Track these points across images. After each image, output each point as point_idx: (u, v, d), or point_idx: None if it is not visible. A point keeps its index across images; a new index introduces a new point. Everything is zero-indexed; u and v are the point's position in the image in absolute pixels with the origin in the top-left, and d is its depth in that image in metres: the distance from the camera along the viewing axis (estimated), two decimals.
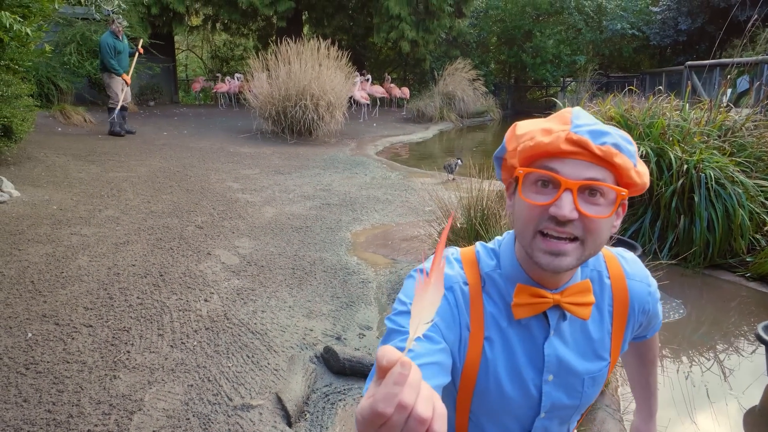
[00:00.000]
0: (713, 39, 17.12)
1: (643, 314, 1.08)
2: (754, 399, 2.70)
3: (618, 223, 0.94)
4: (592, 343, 1.02)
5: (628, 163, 0.86)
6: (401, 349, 0.88)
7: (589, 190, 0.86)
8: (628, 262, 1.08)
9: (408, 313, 0.93)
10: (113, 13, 10.01)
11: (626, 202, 0.94)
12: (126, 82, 9.44)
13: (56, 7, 6.76)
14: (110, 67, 9.06)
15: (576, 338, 1.01)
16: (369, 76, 14.48)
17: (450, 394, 1.04)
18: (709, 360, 3.07)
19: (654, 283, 1.10)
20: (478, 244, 1.06)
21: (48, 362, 2.55)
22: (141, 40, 9.74)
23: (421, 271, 0.58)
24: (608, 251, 1.09)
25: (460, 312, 0.97)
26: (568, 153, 0.85)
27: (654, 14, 19.04)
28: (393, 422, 0.51)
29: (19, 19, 5.71)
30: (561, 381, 1.01)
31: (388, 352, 0.51)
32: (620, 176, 0.87)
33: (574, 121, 0.87)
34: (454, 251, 1.06)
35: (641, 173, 0.88)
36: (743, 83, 9.55)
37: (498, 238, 1.06)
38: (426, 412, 0.51)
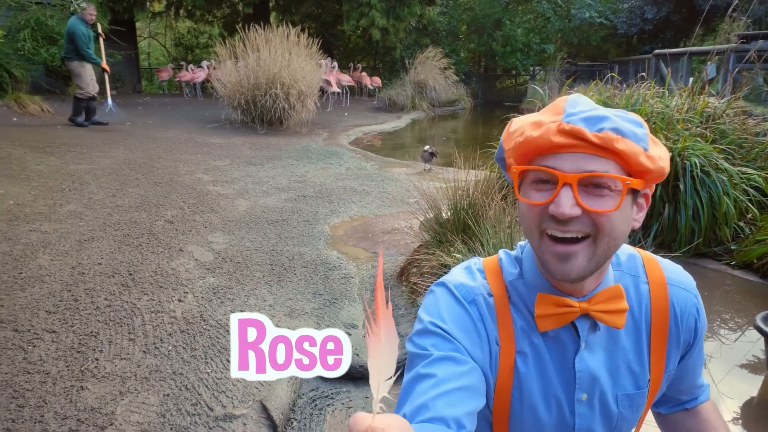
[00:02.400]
0: (678, 28, 17.44)
1: (689, 332, 0.95)
2: (741, 389, 2.65)
3: (639, 216, 0.84)
4: (626, 357, 0.91)
5: (634, 149, 0.76)
6: (423, 377, 0.78)
7: (593, 184, 0.76)
8: (672, 267, 0.97)
9: (430, 332, 0.85)
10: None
11: (648, 192, 0.84)
12: (106, 71, 9.10)
13: None
14: (89, 57, 8.53)
15: (609, 352, 0.90)
16: (335, 64, 14.21)
17: (484, 419, 0.92)
18: None
19: (700, 301, 0.97)
20: (501, 251, 0.97)
21: (6, 373, 2.33)
22: (100, 25, 9.28)
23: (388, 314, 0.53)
24: (648, 254, 0.97)
25: (486, 326, 0.87)
26: (562, 146, 0.76)
27: (621, 3, 19.27)
28: None
29: None
30: (595, 401, 0.90)
31: (357, 422, 0.46)
32: (627, 164, 0.77)
33: (568, 109, 0.78)
34: (477, 261, 0.97)
35: (654, 158, 0.78)
36: (711, 71, 9.72)
37: (521, 243, 0.96)
38: None
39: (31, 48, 10.83)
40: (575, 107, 0.78)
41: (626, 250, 0.97)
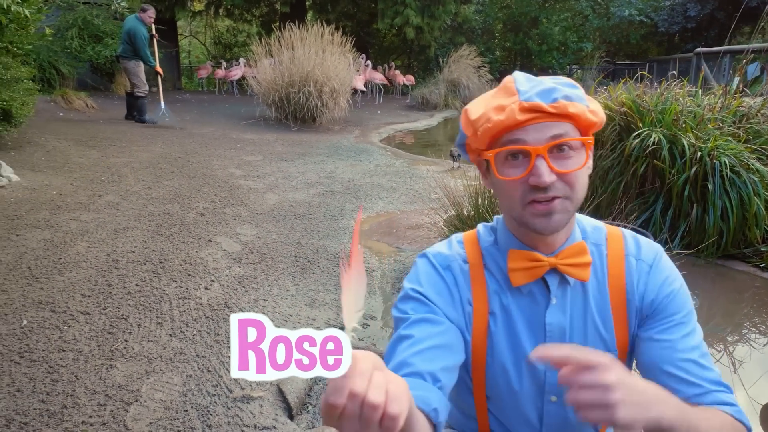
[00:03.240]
0: (723, 25, 16.87)
1: (640, 299, 0.96)
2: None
3: (591, 162, 0.94)
4: (594, 319, 0.97)
5: (581, 109, 0.88)
6: (403, 338, 0.89)
7: (557, 148, 0.87)
8: (634, 239, 1.01)
9: (410, 297, 0.95)
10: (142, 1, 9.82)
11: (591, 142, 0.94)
12: (160, 74, 9.43)
13: None
14: (147, 59, 8.86)
15: (578, 311, 0.97)
16: (369, 62, 14.31)
17: (465, 386, 1.01)
18: (719, 351, 2.98)
19: (666, 267, 0.97)
20: (479, 224, 1.06)
21: (43, 350, 2.48)
22: (153, 26, 9.60)
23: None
24: (614, 228, 1.02)
25: (460, 289, 0.97)
26: (526, 121, 0.86)
27: (662, 0, 18.75)
28: (348, 411, 0.54)
29: (17, 0, 5.60)
30: None
31: None
32: (578, 123, 0.89)
33: (519, 88, 0.88)
34: (458, 235, 1.07)
35: (595, 111, 0.90)
36: (754, 70, 9.36)
37: (497, 216, 1.05)
38: (377, 398, 0.53)
39: (78, 46, 11.26)
40: (524, 85, 0.89)
41: (593, 222, 1.03)
